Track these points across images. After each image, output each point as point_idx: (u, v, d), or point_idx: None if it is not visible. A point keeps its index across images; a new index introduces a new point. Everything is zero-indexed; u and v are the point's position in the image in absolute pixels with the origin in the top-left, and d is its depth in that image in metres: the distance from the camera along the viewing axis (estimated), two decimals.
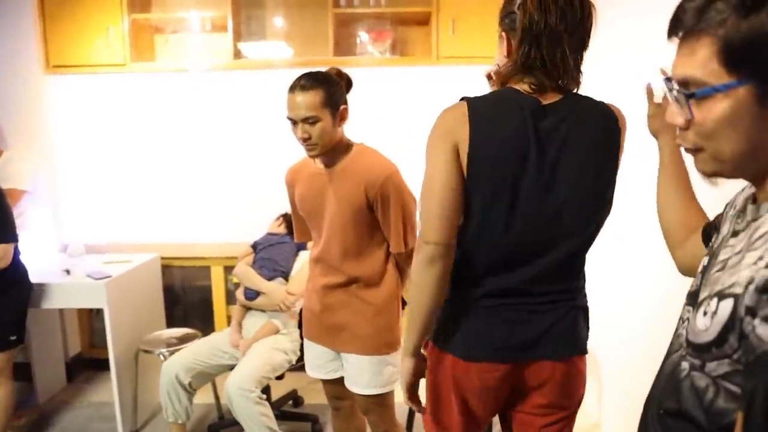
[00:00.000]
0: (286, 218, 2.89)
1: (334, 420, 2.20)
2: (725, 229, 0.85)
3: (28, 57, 3.21)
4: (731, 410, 0.68)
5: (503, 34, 1.27)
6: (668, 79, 0.75)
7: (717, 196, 0.93)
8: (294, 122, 1.80)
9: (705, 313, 0.72)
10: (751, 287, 0.62)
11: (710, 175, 0.76)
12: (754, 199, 0.78)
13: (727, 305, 0.67)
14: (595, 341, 2.84)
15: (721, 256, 0.78)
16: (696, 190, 1.14)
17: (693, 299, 0.83)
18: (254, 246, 2.76)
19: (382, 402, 1.97)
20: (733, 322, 0.66)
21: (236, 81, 3.32)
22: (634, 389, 2.36)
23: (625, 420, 2.42)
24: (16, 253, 2.53)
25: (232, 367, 2.51)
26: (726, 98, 0.68)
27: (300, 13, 3.40)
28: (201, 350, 2.51)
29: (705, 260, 0.86)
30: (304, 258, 2.71)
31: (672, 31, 0.73)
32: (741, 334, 0.65)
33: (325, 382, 2.08)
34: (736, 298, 0.65)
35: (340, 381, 2.03)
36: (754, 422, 0.62)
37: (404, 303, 1.97)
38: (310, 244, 2.74)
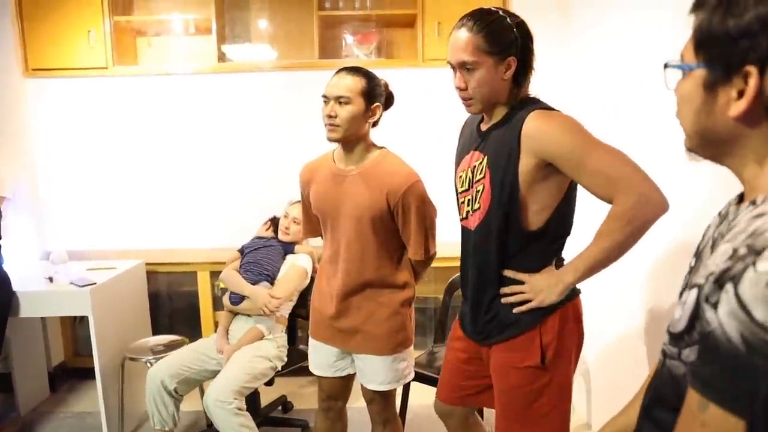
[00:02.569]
0: (274, 222, 2.86)
1: (321, 421, 2.16)
2: (708, 235, 0.89)
3: (7, 60, 3.14)
4: None
5: (512, 60, 1.43)
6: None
7: None
8: (326, 100, 1.81)
9: (680, 303, 0.78)
10: (711, 278, 0.68)
11: (687, 149, 0.83)
12: (739, 200, 0.83)
13: (693, 294, 0.72)
14: (584, 342, 2.86)
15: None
16: None
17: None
18: (241, 250, 2.74)
19: (388, 394, 2.01)
20: (697, 310, 0.70)
21: (221, 84, 3.29)
22: (623, 389, 2.38)
23: None
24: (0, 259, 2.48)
25: (218, 373, 2.49)
26: (689, 77, 0.77)
27: (285, 16, 3.39)
28: (187, 356, 2.48)
29: (692, 261, 0.91)
30: (290, 261, 2.69)
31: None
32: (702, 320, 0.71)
33: (326, 380, 2.07)
34: (700, 287, 0.70)
35: (343, 379, 2.05)
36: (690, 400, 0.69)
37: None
38: (297, 248, 2.76)
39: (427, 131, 3.25)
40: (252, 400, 2.66)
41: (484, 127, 1.56)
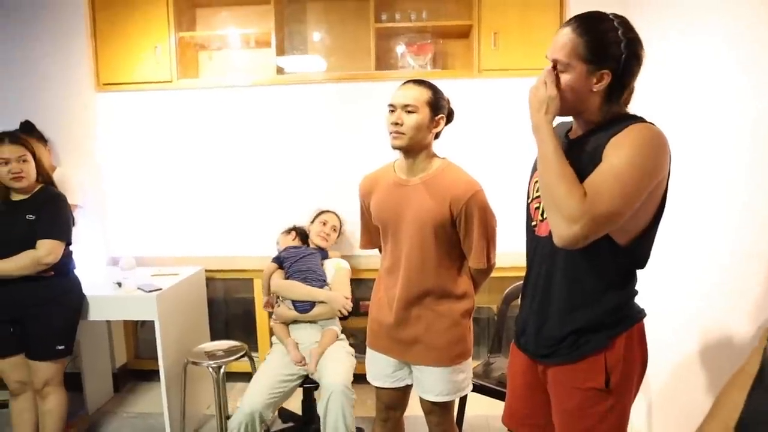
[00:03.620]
0: (297, 231, 2.97)
1: (380, 430, 2.17)
2: None
3: (80, 75, 3.31)
4: None
5: (608, 74, 1.33)
6: None
7: None
8: (393, 109, 1.84)
9: None
10: None
11: None
12: None
13: None
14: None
15: None
16: None
17: None
18: (279, 261, 2.79)
19: (447, 405, 2.01)
20: None
21: (279, 96, 3.37)
22: (684, 402, 2.31)
23: None
24: (71, 265, 2.60)
25: (301, 383, 2.55)
26: None
27: (342, 28, 3.45)
28: (272, 382, 2.44)
29: None
30: (335, 265, 2.80)
31: None
32: None
33: (384, 391, 2.08)
34: None
35: (401, 390, 2.06)
36: None
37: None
38: (331, 253, 2.86)
39: (482, 143, 3.24)
40: (310, 405, 2.71)
41: (573, 134, 1.49)
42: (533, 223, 1.57)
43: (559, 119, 1.48)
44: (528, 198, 1.61)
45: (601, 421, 1.44)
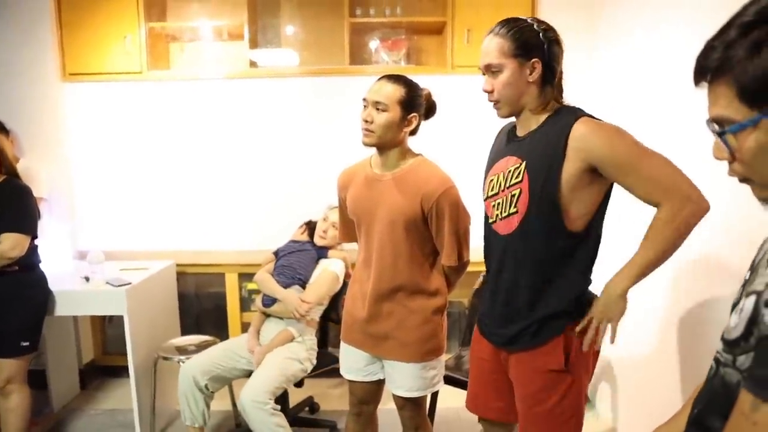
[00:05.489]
0: (310, 226, 2.88)
1: (352, 425, 2.18)
2: (764, 249, 0.89)
3: (45, 65, 3.23)
4: None
5: (538, 62, 1.47)
6: (708, 121, 0.83)
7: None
8: (366, 105, 1.85)
9: (736, 311, 0.80)
10: None
11: (766, 201, 0.82)
12: None
13: (752, 300, 0.75)
14: (608, 344, 2.86)
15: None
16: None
17: None
18: (276, 253, 2.78)
19: (419, 400, 2.03)
20: (756, 316, 0.73)
21: (252, 89, 3.34)
22: (649, 391, 2.37)
23: (641, 422, 2.42)
24: (36, 259, 2.54)
25: (249, 373, 2.52)
26: (754, 131, 0.75)
27: (316, 22, 3.44)
28: (218, 354, 2.54)
29: (747, 275, 0.90)
30: (323, 266, 2.72)
31: (697, 79, 0.81)
32: (760, 325, 0.73)
33: (357, 385, 2.09)
34: (759, 294, 0.73)
35: (374, 384, 2.07)
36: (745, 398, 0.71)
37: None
38: (331, 252, 2.79)
39: (455, 139, 3.27)
40: (280, 401, 2.70)
41: (521, 132, 1.58)
42: (491, 221, 1.64)
43: (506, 120, 1.63)
44: (484, 196, 1.68)
45: (562, 399, 1.54)
